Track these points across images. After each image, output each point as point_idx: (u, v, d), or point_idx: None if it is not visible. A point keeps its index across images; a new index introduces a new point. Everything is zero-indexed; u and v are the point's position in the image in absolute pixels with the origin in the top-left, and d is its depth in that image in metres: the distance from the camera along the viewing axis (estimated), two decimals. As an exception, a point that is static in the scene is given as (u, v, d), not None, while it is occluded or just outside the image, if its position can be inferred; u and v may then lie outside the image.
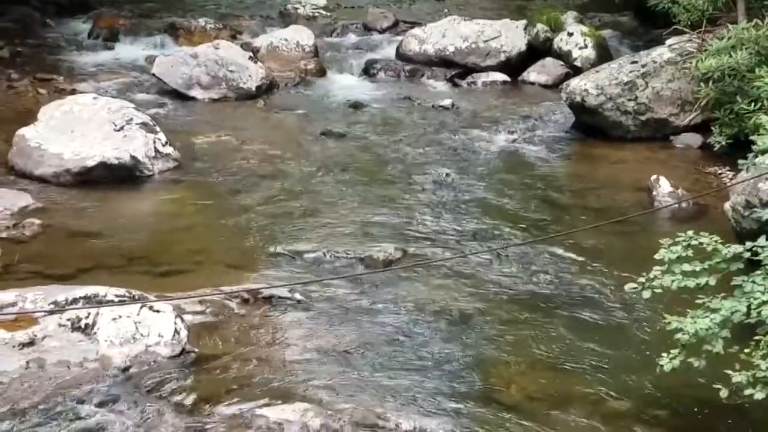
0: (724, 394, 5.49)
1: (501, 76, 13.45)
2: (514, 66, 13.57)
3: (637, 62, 11.44)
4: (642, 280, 5.89)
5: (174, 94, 12.36)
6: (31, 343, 6.36)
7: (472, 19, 14.29)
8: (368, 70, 13.64)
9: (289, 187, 9.76)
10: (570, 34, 13.59)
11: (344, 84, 13.24)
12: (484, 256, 8.19)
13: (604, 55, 13.26)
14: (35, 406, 5.97)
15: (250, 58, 12.98)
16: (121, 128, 10.03)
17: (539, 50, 13.69)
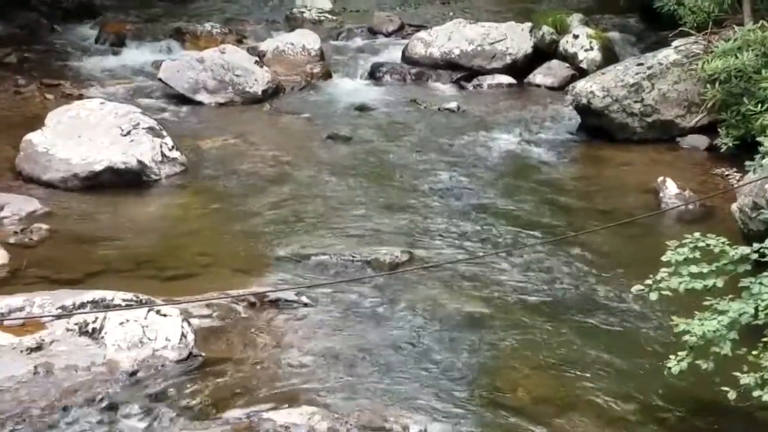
0: (732, 396, 5.48)
1: (507, 79, 13.44)
2: (520, 68, 13.56)
3: (643, 64, 11.43)
4: (649, 281, 5.88)
5: (180, 99, 12.37)
6: (39, 347, 6.36)
7: (478, 22, 14.29)
8: (374, 74, 13.63)
9: (296, 190, 9.77)
10: (576, 36, 13.59)
11: (350, 87, 13.23)
12: (490, 259, 8.18)
13: (610, 57, 13.27)
14: (43, 411, 5.97)
15: (256, 62, 12.99)
16: (128, 133, 10.05)
17: (545, 52, 13.67)
